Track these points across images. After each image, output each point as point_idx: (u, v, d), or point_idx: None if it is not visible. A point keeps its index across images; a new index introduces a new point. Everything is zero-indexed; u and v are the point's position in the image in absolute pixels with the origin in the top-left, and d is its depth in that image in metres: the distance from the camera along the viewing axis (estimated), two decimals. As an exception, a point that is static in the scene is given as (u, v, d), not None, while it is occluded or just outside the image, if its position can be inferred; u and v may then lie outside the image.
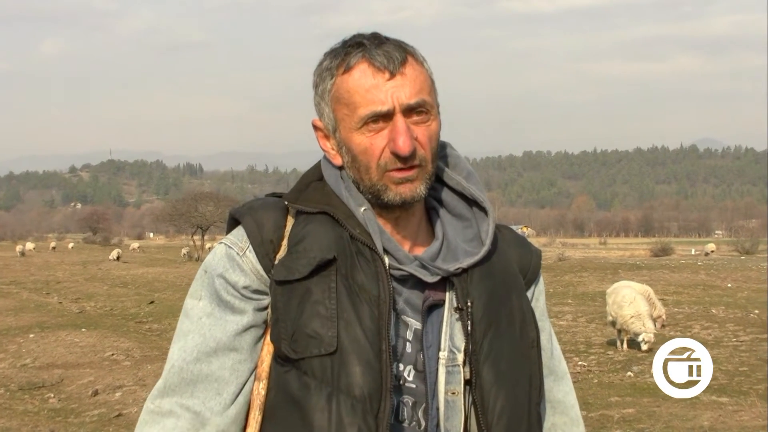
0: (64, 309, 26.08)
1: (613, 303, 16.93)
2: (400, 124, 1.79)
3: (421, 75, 1.85)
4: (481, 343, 1.87)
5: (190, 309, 1.92)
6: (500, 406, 1.86)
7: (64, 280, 38.55)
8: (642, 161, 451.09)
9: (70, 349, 16.99)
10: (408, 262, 1.88)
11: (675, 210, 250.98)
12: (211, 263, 1.93)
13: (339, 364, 1.77)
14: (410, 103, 1.80)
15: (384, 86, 1.79)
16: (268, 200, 1.99)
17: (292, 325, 1.80)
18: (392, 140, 1.79)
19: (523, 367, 1.93)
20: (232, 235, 1.94)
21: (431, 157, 1.86)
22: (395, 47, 1.83)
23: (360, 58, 1.82)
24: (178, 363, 1.87)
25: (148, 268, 48.70)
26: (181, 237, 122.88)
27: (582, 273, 40.78)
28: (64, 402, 12.16)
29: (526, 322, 1.97)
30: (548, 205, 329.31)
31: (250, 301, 1.88)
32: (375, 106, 1.79)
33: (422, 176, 1.85)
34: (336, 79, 1.84)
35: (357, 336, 1.78)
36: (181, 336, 1.90)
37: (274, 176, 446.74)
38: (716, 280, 35.95)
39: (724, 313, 23.36)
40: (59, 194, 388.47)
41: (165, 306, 26.56)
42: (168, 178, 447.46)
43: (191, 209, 69.00)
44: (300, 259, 1.83)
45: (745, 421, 10.10)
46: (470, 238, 1.97)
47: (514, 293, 1.98)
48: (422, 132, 1.83)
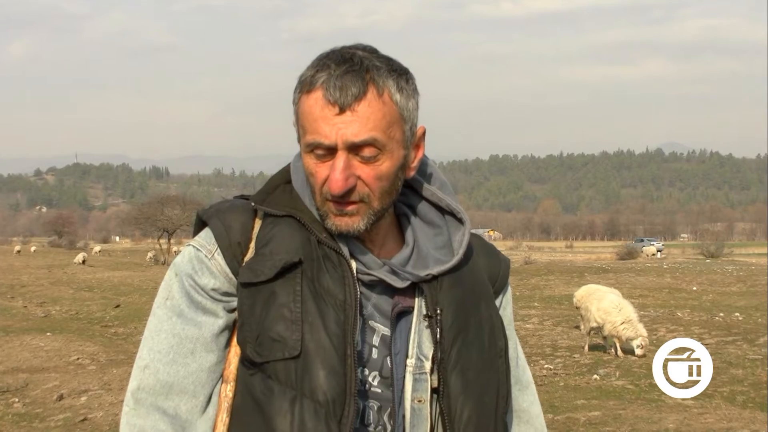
0: (29, 313, 25.87)
1: (598, 309, 16.73)
2: (338, 162, 1.76)
3: (379, 112, 1.77)
4: (449, 351, 1.86)
5: (158, 308, 1.90)
6: (467, 416, 1.85)
7: (29, 284, 38.17)
8: (608, 165, 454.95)
9: (35, 354, 16.83)
10: (377, 267, 1.87)
11: (641, 213, 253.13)
12: (180, 265, 1.92)
13: (303, 367, 1.76)
14: (354, 141, 1.75)
15: (331, 120, 1.74)
16: (236, 202, 1.97)
17: (257, 328, 1.79)
18: (329, 177, 1.77)
19: (490, 376, 1.93)
20: (200, 238, 1.93)
21: (378, 195, 1.81)
22: (358, 79, 1.75)
23: (319, 84, 1.76)
24: (153, 364, 1.84)
25: (114, 272, 48.36)
26: (147, 240, 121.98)
27: (548, 276, 40.97)
28: (29, 406, 12.05)
29: (495, 331, 1.97)
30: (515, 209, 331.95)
31: (220, 303, 1.88)
32: (319, 138, 1.75)
33: (363, 212, 1.82)
34: (301, 96, 1.80)
35: (322, 340, 1.77)
36: (153, 335, 1.88)
37: (241, 180, 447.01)
38: (681, 283, 36.26)
39: (690, 316, 23.56)
40: (24, 198, 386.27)
41: (131, 310, 26.41)
42: (134, 181, 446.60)
43: (157, 213, 68.72)
44: (265, 262, 1.82)
45: (710, 423, 10.16)
46: (441, 245, 1.96)
47: (483, 302, 1.97)
48: (369, 171, 1.78)
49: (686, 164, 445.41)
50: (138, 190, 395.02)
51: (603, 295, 17.58)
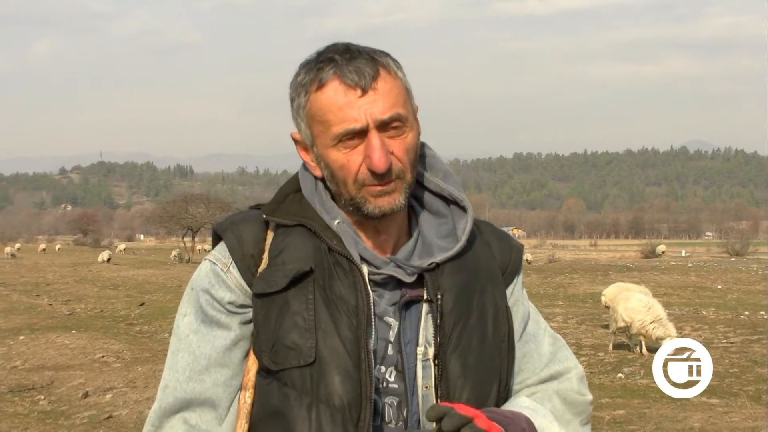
0: (55, 311, 26.00)
1: (625, 309, 16.60)
2: (374, 140, 1.79)
3: (395, 87, 1.83)
4: (449, 335, 1.87)
5: (177, 327, 1.94)
6: (465, 400, 1.84)
7: (54, 282, 38.39)
8: (632, 163, 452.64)
9: (60, 351, 16.94)
10: (384, 264, 1.89)
11: (665, 212, 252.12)
12: (197, 280, 1.95)
13: (318, 374, 1.78)
14: (384, 118, 1.79)
15: (357, 103, 1.78)
16: (249, 214, 1.99)
17: (272, 337, 1.81)
18: (368, 157, 1.79)
19: (492, 361, 1.93)
20: (216, 251, 1.96)
21: (410, 168, 1.86)
22: (367, 61, 1.81)
23: (332, 75, 1.80)
24: (171, 384, 1.89)
25: (139, 270, 48.52)
26: (171, 239, 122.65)
27: (572, 275, 40.85)
28: (55, 404, 12.12)
29: (499, 316, 1.97)
30: (539, 207, 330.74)
31: (236, 315, 1.90)
32: (348, 124, 1.78)
33: (401, 187, 1.85)
34: (310, 96, 1.83)
35: (335, 346, 1.79)
36: (171, 355, 1.93)
37: (265, 178, 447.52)
38: (706, 281, 36.05)
39: (715, 314, 23.44)
40: (49, 196, 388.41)
41: (155, 308, 26.55)
42: (158, 179, 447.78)
43: (182, 211, 68.98)
44: (278, 272, 1.84)
45: (735, 422, 10.12)
46: (445, 234, 1.97)
47: (488, 287, 1.98)
48: (398, 145, 1.83)
49: (711, 162, 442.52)
50: (162, 189, 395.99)
51: (630, 294, 17.52)
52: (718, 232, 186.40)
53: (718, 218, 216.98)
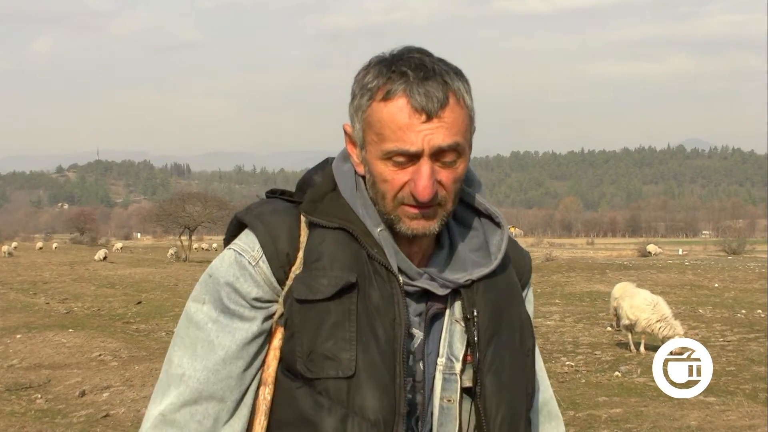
0: (51, 309, 25.93)
1: (630, 306, 16.61)
2: (424, 169, 1.75)
3: (460, 117, 1.78)
4: (485, 353, 1.87)
5: (194, 313, 1.87)
6: (501, 416, 1.87)
7: (51, 281, 38.28)
8: (629, 161, 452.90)
9: (57, 350, 16.90)
10: (418, 276, 1.86)
11: (662, 210, 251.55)
12: (219, 269, 1.88)
13: (355, 387, 1.76)
14: (442, 146, 1.74)
15: (418, 127, 1.73)
16: (277, 206, 1.94)
17: (309, 345, 1.78)
18: (414, 182, 1.76)
19: (521, 375, 1.94)
20: (242, 242, 1.89)
21: (452, 197, 1.83)
22: (439, 85, 1.75)
23: (401, 92, 1.74)
24: (189, 372, 1.83)
25: (136, 269, 48.46)
26: (168, 237, 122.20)
27: (569, 273, 40.82)
28: (51, 403, 12.10)
29: (525, 330, 1.97)
30: (536, 206, 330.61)
31: (260, 311, 1.86)
32: (404, 145, 1.74)
33: (440, 214, 1.82)
34: (372, 104, 1.78)
35: (374, 359, 1.77)
36: (186, 342, 1.86)
37: (262, 176, 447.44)
38: (703, 280, 36.05)
39: (711, 313, 23.45)
40: (46, 194, 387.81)
41: (152, 306, 26.50)
42: (155, 178, 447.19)
43: (179, 209, 68.78)
44: (320, 278, 1.80)
45: (732, 420, 10.12)
46: (476, 247, 1.95)
47: (514, 302, 1.98)
48: (447, 175, 1.79)
49: (708, 161, 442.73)
50: (159, 187, 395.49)
51: (636, 291, 17.55)
52: (715, 230, 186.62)
53: (715, 217, 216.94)
